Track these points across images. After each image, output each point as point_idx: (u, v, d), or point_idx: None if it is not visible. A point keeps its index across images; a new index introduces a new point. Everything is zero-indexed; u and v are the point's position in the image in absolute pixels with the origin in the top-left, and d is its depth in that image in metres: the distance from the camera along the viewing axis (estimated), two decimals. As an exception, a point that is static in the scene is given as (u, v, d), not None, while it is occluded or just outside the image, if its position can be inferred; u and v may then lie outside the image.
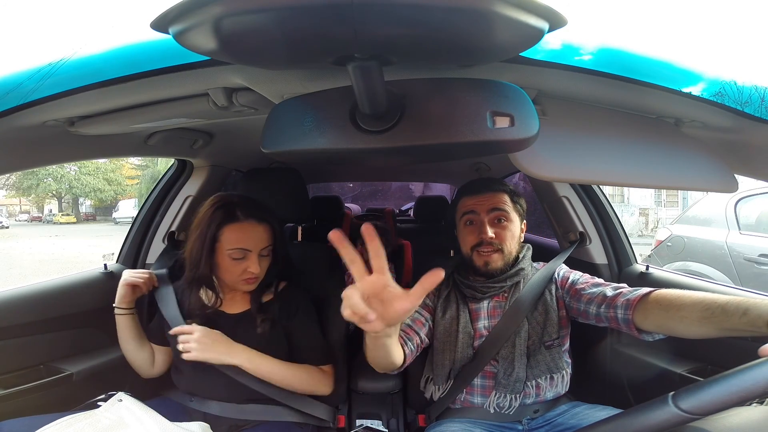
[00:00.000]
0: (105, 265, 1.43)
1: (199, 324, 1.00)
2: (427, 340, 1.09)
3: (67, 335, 1.25)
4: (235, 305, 1.09)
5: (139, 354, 1.11)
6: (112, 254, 1.53)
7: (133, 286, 1.09)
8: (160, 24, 0.40)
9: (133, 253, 1.50)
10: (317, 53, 0.48)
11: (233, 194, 1.08)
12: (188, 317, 1.04)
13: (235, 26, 0.40)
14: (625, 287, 0.98)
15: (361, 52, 0.43)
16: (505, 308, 1.08)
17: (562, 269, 1.14)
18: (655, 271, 1.38)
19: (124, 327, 1.10)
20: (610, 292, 0.97)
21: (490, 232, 1.05)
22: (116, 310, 1.09)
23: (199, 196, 1.51)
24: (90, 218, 25.00)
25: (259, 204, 1.06)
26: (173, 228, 1.49)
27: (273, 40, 0.42)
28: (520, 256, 1.13)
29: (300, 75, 0.63)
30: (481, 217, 1.07)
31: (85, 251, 11.06)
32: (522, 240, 1.14)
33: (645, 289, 0.92)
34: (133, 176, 23.94)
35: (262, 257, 1.04)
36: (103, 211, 24.82)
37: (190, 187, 1.53)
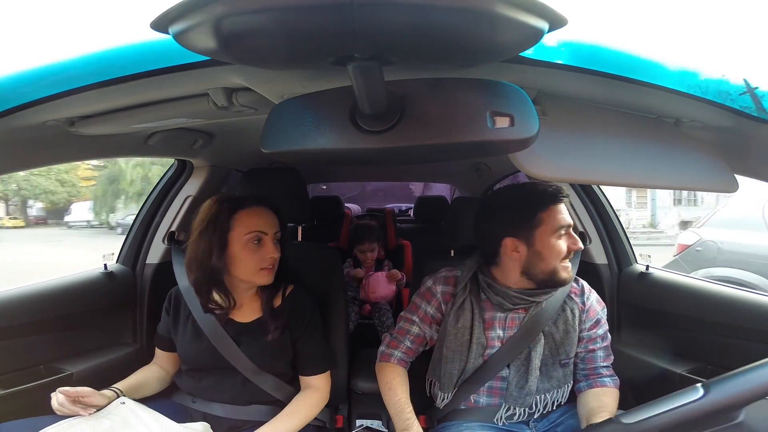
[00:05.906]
0: (105, 265, 1.43)
1: (214, 328, 1.00)
2: (422, 349, 1.13)
3: (67, 335, 1.25)
4: (244, 314, 1.05)
5: (158, 384, 1.10)
6: (113, 254, 1.53)
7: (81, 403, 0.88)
8: (160, 24, 0.40)
9: (133, 253, 1.50)
10: (317, 53, 0.48)
11: (233, 192, 1.07)
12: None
13: (235, 26, 0.40)
14: (599, 360, 1.07)
15: (361, 52, 0.43)
16: (523, 320, 1.03)
17: (592, 295, 1.11)
18: (655, 272, 1.38)
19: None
20: (586, 354, 1.08)
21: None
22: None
23: (199, 196, 1.51)
24: (41, 222, 22.38)
25: (262, 196, 1.06)
26: (173, 228, 1.49)
27: (273, 40, 0.42)
28: None
29: (300, 75, 0.63)
30: (569, 230, 1.01)
31: (22, 260, 9.00)
32: None
33: (596, 383, 1.05)
34: (89, 177, 20.81)
35: (274, 245, 1.01)
36: (55, 214, 22.49)
37: (190, 187, 1.53)
